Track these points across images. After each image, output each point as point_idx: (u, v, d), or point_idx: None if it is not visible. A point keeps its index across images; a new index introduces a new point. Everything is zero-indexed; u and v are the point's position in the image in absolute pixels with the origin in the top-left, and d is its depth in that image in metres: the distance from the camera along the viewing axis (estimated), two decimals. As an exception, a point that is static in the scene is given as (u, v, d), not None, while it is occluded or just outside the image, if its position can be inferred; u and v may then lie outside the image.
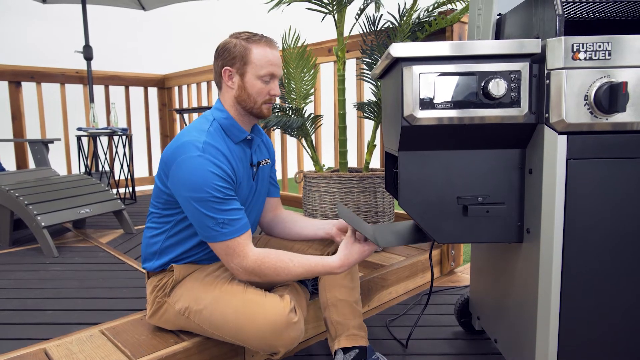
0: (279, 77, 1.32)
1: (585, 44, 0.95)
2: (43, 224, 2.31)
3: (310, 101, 2.38)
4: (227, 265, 1.24)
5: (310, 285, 1.61)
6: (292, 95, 2.35)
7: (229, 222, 1.20)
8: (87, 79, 3.93)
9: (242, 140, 1.34)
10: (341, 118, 2.26)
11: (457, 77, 1.02)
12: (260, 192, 1.45)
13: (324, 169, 2.37)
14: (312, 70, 2.33)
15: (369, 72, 2.24)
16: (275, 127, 2.23)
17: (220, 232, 1.20)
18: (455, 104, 1.02)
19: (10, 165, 3.68)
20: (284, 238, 1.54)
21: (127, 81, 4.36)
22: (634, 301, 1.04)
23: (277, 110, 2.33)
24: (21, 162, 3.74)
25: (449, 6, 2.12)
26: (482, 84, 1.01)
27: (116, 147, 3.68)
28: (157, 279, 1.37)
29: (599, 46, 0.96)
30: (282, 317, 1.18)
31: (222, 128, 1.30)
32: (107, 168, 3.85)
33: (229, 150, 1.28)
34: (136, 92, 4.45)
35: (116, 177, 3.93)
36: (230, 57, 1.27)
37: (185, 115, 4.07)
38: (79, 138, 3.54)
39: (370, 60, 2.21)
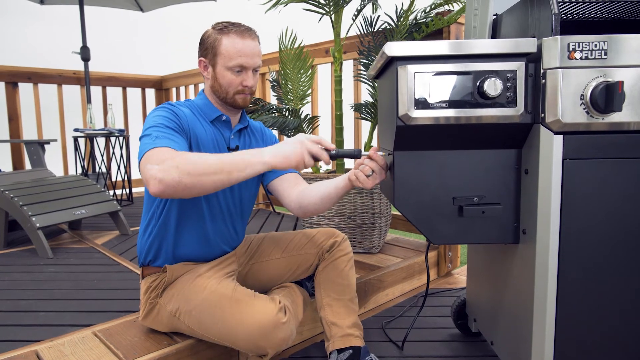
0: (253, 68, 1.29)
1: (581, 43, 0.95)
2: (38, 225, 2.30)
3: (307, 102, 2.38)
4: (144, 172, 1.06)
5: (310, 287, 1.61)
6: (289, 96, 2.34)
7: (163, 138, 1.12)
8: (85, 80, 3.92)
9: (216, 120, 1.34)
10: (338, 119, 2.26)
11: (452, 77, 1.01)
12: (247, 181, 1.41)
13: (321, 170, 2.36)
14: (309, 71, 2.33)
15: (366, 73, 2.24)
16: (272, 128, 2.22)
17: (152, 143, 1.10)
18: (451, 104, 1.01)
19: (7, 166, 3.66)
20: (316, 212, 1.41)
21: (124, 82, 4.35)
22: (630, 303, 1.03)
23: (275, 112, 2.33)
24: (17, 163, 3.73)
25: (446, 7, 2.12)
26: (478, 84, 1.00)
27: (113, 148, 3.67)
28: (151, 279, 1.36)
29: (595, 45, 0.95)
30: (270, 317, 1.17)
31: (196, 106, 1.34)
32: (103, 169, 3.83)
33: (195, 115, 1.30)
34: (134, 93, 4.45)
35: (113, 179, 3.91)
36: (203, 47, 1.30)
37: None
38: (75, 139, 3.53)
39: (367, 61, 2.21)
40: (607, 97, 0.93)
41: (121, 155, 3.68)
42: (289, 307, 1.25)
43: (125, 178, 3.81)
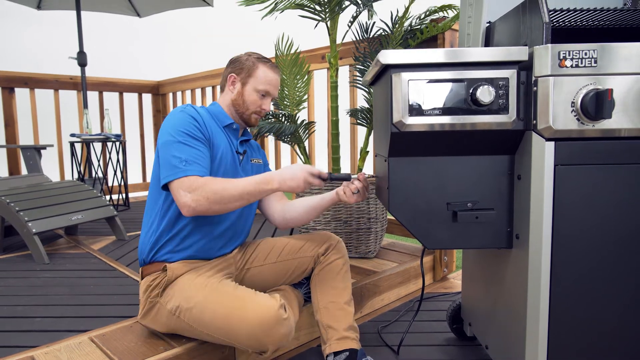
0: (273, 98, 1.50)
1: (571, 52, 0.97)
2: (34, 230, 2.30)
3: (304, 107, 2.39)
4: (177, 197, 1.26)
5: (303, 292, 1.61)
6: (285, 102, 2.36)
7: (193, 163, 1.27)
8: (81, 85, 3.92)
9: (227, 126, 1.47)
10: (334, 124, 2.27)
11: (446, 84, 1.02)
12: None
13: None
14: (305, 77, 2.34)
15: (361, 79, 2.25)
16: (268, 134, 2.23)
17: (184, 170, 1.26)
18: (444, 111, 1.03)
19: (3, 171, 3.66)
20: (299, 223, 1.55)
21: (121, 87, 4.36)
22: (622, 307, 1.04)
23: (271, 117, 2.34)
24: (14, 169, 3.72)
25: (441, 14, 2.14)
26: (471, 91, 1.02)
27: (110, 154, 3.67)
28: (151, 278, 1.37)
29: (586, 54, 0.97)
30: (272, 312, 1.18)
31: (209, 112, 1.46)
32: (100, 174, 3.83)
33: (211, 119, 1.42)
34: (130, 98, 4.45)
35: (109, 184, 3.91)
36: (239, 67, 1.47)
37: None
38: (72, 144, 3.53)
39: (363, 67, 2.22)
40: (597, 104, 0.95)
41: (117, 161, 3.68)
42: (288, 305, 1.27)
43: (122, 183, 3.80)
